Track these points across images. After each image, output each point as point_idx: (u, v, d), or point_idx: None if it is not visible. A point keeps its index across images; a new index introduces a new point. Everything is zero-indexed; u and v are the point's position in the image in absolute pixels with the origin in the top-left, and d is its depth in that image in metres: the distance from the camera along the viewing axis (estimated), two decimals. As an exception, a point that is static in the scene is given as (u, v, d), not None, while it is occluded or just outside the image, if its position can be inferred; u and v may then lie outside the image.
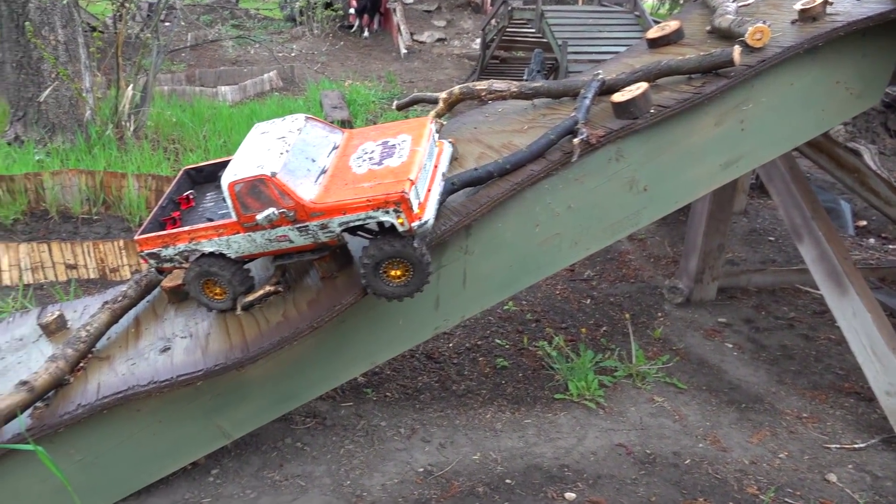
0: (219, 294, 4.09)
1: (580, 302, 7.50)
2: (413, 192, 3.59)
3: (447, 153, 4.29)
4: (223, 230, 3.84)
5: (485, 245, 4.30)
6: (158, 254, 4.01)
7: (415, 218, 3.60)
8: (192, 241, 3.91)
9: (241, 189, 3.68)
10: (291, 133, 3.98)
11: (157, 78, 14.58)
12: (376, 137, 4.14)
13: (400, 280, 3.79)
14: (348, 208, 3.61)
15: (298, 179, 3.72)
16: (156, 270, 4.17)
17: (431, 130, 4.15)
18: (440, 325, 4.41)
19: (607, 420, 5.43)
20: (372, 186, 3.65)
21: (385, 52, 20.00)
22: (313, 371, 4.22)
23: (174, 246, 3.95)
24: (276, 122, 4.17)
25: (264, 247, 3.87)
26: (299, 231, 3.74)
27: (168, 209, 4.32)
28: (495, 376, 6.01)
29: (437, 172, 4.05)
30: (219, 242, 3.88)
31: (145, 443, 4.05)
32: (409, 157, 3.82)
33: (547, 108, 5.08)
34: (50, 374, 3.88)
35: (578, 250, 4.58)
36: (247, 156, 3.86)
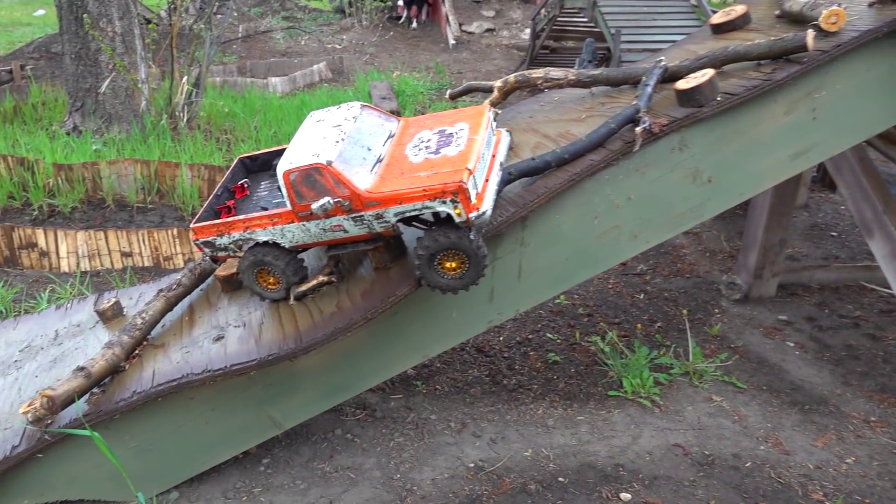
0: (272, 284, 4.06)
1: (633, 297, 7.32)
2: (471, 182, 3.49)
3: (505, 142, 4.18)
4: (278, 219, 3.80)
5: (541, 237, 4.18)
6: (213, 242, 3.98)
7: (472, 209, 3.50)
8: (247, 230, 3.88)
9: (296, 178, 3.62)
10: (347, 121, 3.91)
11: (210, 69, 14.78)
12: (433, 126, 4.04)
13: (455, 272, 3.70)
14: (404, 198, 3.53)
15: (354, 168, 3.65)
16: (210, 259, 4.15)
17: (490, 119, 4.04)
18: (494, 318, 4.31)
19: (663, 419, 5.27)
20: (429, 176, 3.56)
21: (433, 43, 19.91)
22: (365, 363, 4.16)
23: (229, 235, 3.92)
24: (332, 110, 4.11)
25: (318, 236, 3.82)
26: (354, 221, 3.68)
27: (223, 198, 4.30)
28: (547, 371, 5.89)
29: (494, 162, 3.93)
30: (273, 232, 3.84)
31: (198, 431, 4.05)
32: (467, 146, 3.71)
33: (606, 97, 4.92)
34: (106, 360, 3.91)
35: (638, 243, 4.42)
36: (302, 144, 3.81)
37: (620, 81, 4.88)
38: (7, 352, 4.77)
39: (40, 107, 11.26)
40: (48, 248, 6.89)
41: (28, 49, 16.94)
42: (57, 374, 4.27)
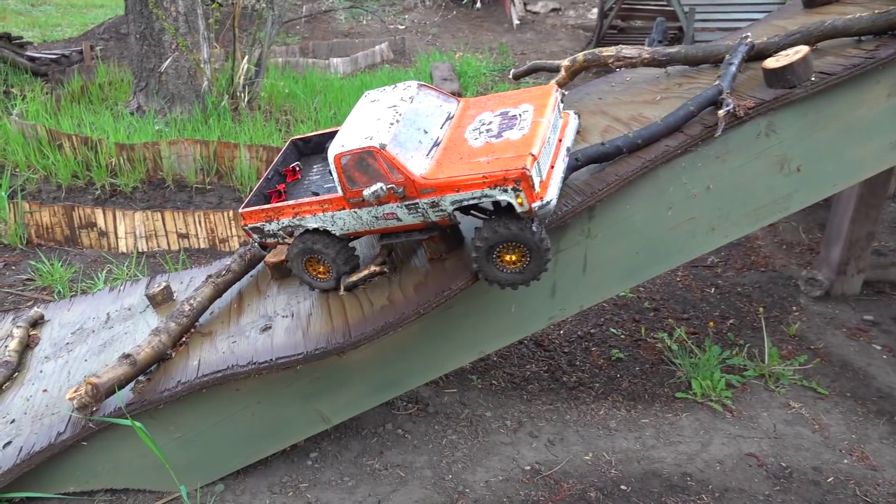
0: (322, 273, 3.87)
1: (703, 291, 6.90)
2: (535, 169, 3.18)
3: (573, 126, 3.84)
4: (328, 205, 3.59)
5: (609, 228, 3.86)
6: (262, 228, 3.82)
7: (536, 198, 3.20)
8: (297, 217, 3.69)
9: (347, 162, 3.40)
10: (403, 102, 3.64)
11: (272, 50, 14.78)
12: (495, 107, 3.74)
13: (515, 266, 3.42)
14: (462, 185, 3.25)
15: (409, 152, 3.39)
16: (259, 245, 3.98)
17: (557, 100, 3.71)
18: (556, 314, 4.03)
19: (735, 425, 4.90)
20: (489, 161, 3.27)
21: (497, 24, 19.49)
22: (417, 358, 3.94)
23: (278, 220, 3.75)
24: (387, 90, 3.85)
25: (370, 224, 3.60)
26: (408, 209, 3.43)
27: (274, 181, 4.13)
28: (610, 369, 5.57)
29: (561, 147, 3.61)
30: (323, 218, 3.64)
31: (244, 423, 3.91)
32: (532, 130, 3.40)
33: (683, 77, 4.54)
34: (152, 348, 3.79)
35: (715, 237, 4.06)
36: (355, 126, 3.57)
37: (700, 60, 4.49)
38: (60, 333, 4.74)
39: (107, 87, 11.40)
40: (107, 228, 6.90)
41: (99, 30, 17.29)
42: (106, 359, 4.20)
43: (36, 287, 6.23)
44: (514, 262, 3.41)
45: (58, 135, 8.27)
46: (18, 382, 4.32)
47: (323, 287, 3.94)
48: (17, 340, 4.61)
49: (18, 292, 6.03)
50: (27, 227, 6.90)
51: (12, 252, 6.79)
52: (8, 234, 6.83)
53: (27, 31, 19.03)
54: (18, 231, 6.85)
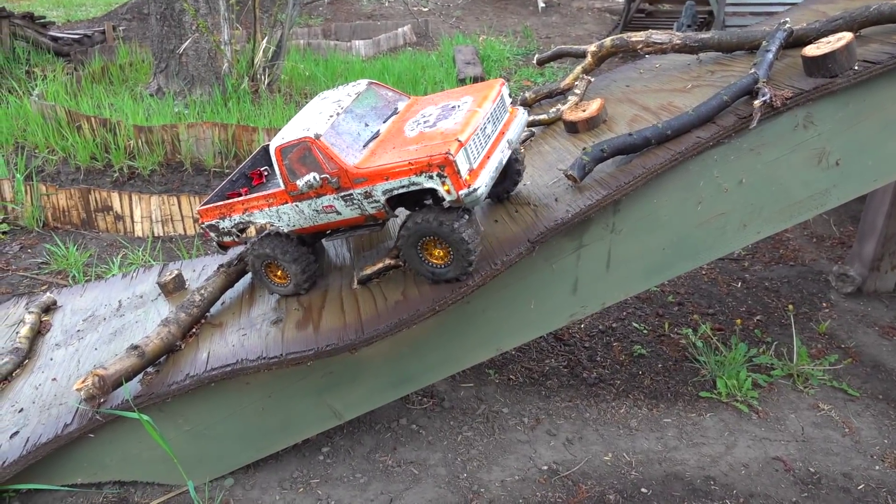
0: (280, 278, 3.93)
1: (730, 285, 6.69)
2: (461, 155, 3.13)
3: (520, 120, 3.76)
4: (273, 200, 3.61)
5: (635, 223, 3.69)
6: (217, 226, 3.86)
7: (463, 185, 3.14)
8: (246, 212, 3.73)
9: (286, 153, 3.41)
10: (348, 97, 3.68)
11: (294, 32, 14.65)
12: (439, 101, 3.73)
13: (440, 262, 3.44)
14: (390, 173, 3.22)
15: (345, 143, 3.40)
16: (218, 245, 4.04)
17: (500, 93, 3.65)
18: (577, 311, 3.87)
19: (762, 427, 4.72)
20: (417, 149, 3.24)
21: (522, 7, 19.19)
22: (432, 354, 3.81)
23: (230, 217, 3.80)
24: (339, 88, 3.91)
25: (313, 219, 3.60)
26: (344, 200, 3.42)
27: (238, 183, 4.15)
28: (631, 365, 5.41)
29: (502, 139, 3.54)
30: (270, 213, 3.66)
31: (254, 417, 3.82)
32: (465, 118, 3.36)
33: (716, 64, 4.34)
34: (161, 339, 3.70)
35: (747, 234, 3.87)
36: (299, 119, 3.61)
37: (734, 46, 4.28)
38: (72, 320, 4.68)
39: (127, 68, 11.36)
40: (123, 211, 6.84)
41: (122, 10, 17.29)
42: (116, 348, 4.12)
43: (51, 271, 6.19)
44: (440, 258, 3.42)
45: (77, 116, 8.23)
46: (28, 370, 4.26)
47: (282, 293, 3.97)
48: (28, 326, 4.55)
49: (34, 276, 5.99)
50: (44, 210, 6.87)
51: (29, 235, 6.76)
52: (24, 216, 6.80)
53: (52, 11, 19.09)
54: (35, 213, 6.82)
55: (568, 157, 4.00)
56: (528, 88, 12.00)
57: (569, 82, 4.77)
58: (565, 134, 4.32)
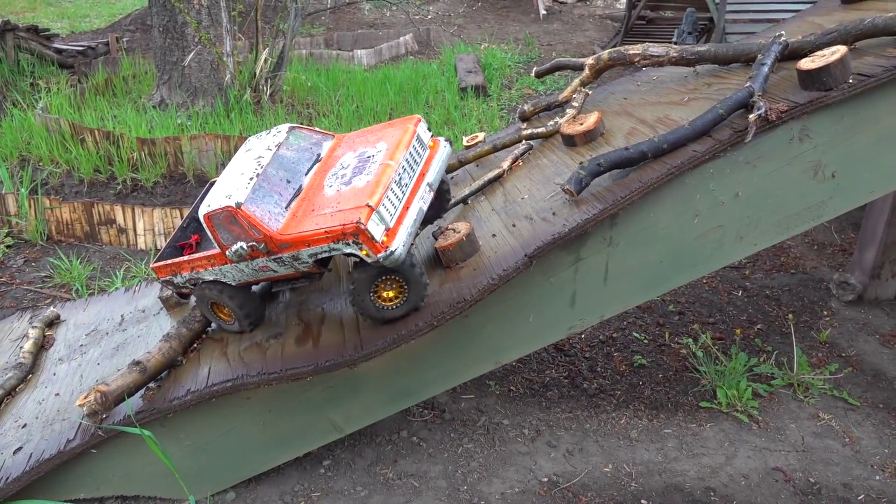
0: (226, 316, 3.93)
1: (730, 294, 6.70)
2: (374, 221, 3.17)
3: (442, 154, 3.76)
4: (214, 260, 3.64)
5: (632, 236, 3.72)
6: (172, 280, 3.88)
7: (380, 248, 3.19)
8: (194, 271, 3.75)
9: (215, 220, 3.43)
10: (269, 150, 3.65)
11: (297, 41, 14.71)
12: (358, 146, 3.74)
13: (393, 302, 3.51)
14: (311, 240, 3.27)
15: (268, 206, 3.41)
16: (177, 295, 4.10)
17: (415, 135, 3.64)
18: (575, 324, 3.90)
19: (762, 437, 4.74)
20: (332, 214, 3.28)
21: (523, 14, 19.21)
22: (432, 368, 3.84)
23: (181, 274, 3.81)
24: (262, 136, 3.88)
25: (255, 275, 3.63)
26: (276, 262, 3.46)
27: (189, 229, 4.16)
28: (632, 375, 5.43)
29: (421, 185, 3.55)
30: (214, 272, 3.69)
31: (255, 432, 3.85)
32: (377, 175, 3.36)
33: (712, 77, 4.36)
34: (163, 354, 3.74)
35: (743, 246, 3.89)
36: (223, 182, 3.60)
37: (730, 59, 4.30)
38: (75, 334, 4.72)
39: (131, 79, 11.42)
40: (126, 224, 6.89)
41: (126, 21, 17.36)
42: (118, 362, 4.16)
43: (55, 284, 6.24)
44: (391, 299, 3.47)
45: (81, 129, 8.28)
46: (32, 385, 4.30)
47: (232, 330, 3.99)
48: (31, 341, 4.59)
49: (38, 289, 6.04)
50: (47, 223, 6.92)
51: (33, 248, 6.81)
52: (28, 230, 6.85)
53: (56, 22, 19.20)
54: (39, 227, 6.87)
55: (565, 171, 4.03)
56: (528, 97, 12.03)
57: (567, 95, 4.80)
58: (563, 147, 4.36)
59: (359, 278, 3.38)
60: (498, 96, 12.07)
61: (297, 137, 3.78)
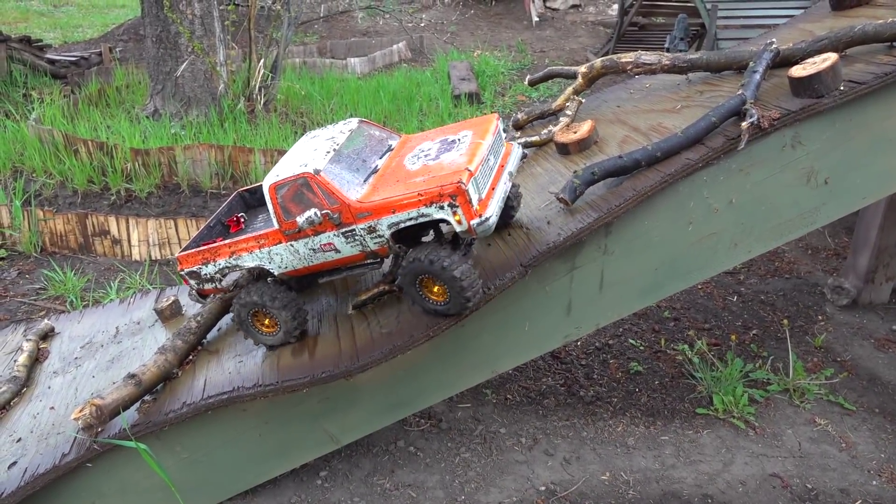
0: (268, 327, 3.77)
1: (725, 299, 6.72)
2: (472, 185, 3.12)
3: (516, 154, 3.77)
4: (264, 241, 3.52)
5: (627, 245, 3.73)
6: (199, 272, 3.74)
7: (474, 215, 3.13)
8: (233, 256, 3.61)
9: (282, 191, 3.35)
10: (342, 133, 3.64)
11: (290, 50, 14.73)
12: (435, 137, 3.73)
13: (439, 300, 3.41)
14: (397, 206, 3.19)
15: (345, 178, 3.36)
16: (197, 293, 3.90)
17: (498, 127, 3.66)
18: (571, 332, 3.90)
19: (758, 443, 4.74)
20: (425, 180, 3.22)
21: (516, 21, 19.29)
22: (428, 378, 3.84)
23: (214, 262, 3.68)
24: (328, 127, 3.86)
25: (308, 259, 3.51)
26: (345, 237, 3.36)
27: (215, 230, 4.07)
28: (628, 382, 5.43)
29: (503, 172, 3.54)
30: (260, 255, 3.56)
31: (252, 444, 3.83)
32: (469, 150, 3.36)
33: (704, 84, 4.38)
34: (158, 367, 3.72)
35: (738, 253, 3.90)
36: (291, 157, 3.55)
37: (723, 67, 4.33)
38: (70, 347, 4.69)
39: (124, 89, 11.42)
40: (120, 235, 6.87)
41: (118, 31, 17.37)
42: (113, 375, 4.13)
43: (49, 296, 6.22)
44: (438, 294, 3.39)
45: (74, 140, 8.26)
46: (26, 398, 4.27)
47: (270, 343, 3.80)
48: (26, 354, 4.57)
49: (31, 302, 6.02)
50: (41, 235, 6.90)
51: (27, 260, 6.78)
52: (22, 241, 6.82)
53: (49, 33, 19.18)
54: (33, 239, 6.84)
55: (560, 180, 4.04)
56: (522, 104, 12.05)
57: (560, 103, 4.82)
58: (557, 155, 4.37)
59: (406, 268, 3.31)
60: (491, 103, 12.10)
61: (366, 128, 3.79)
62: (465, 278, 3.24)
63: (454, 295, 3.30)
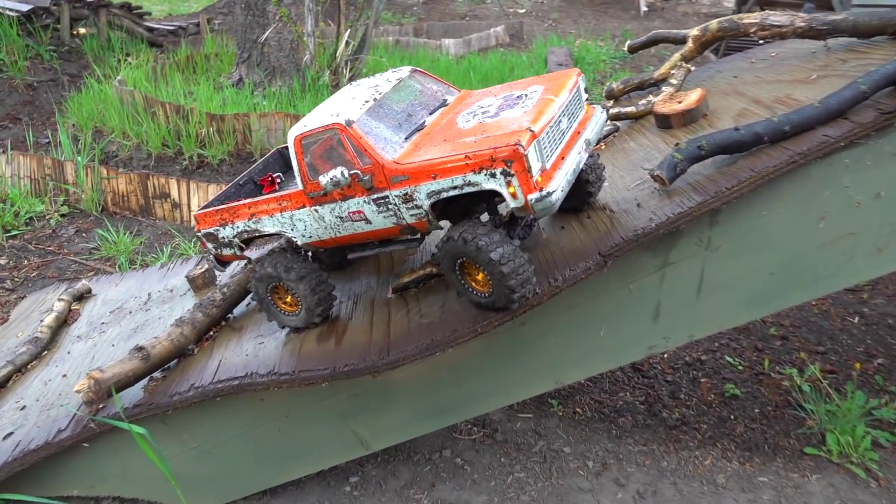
0: (289, 305, 3.25)
1: (845, 319, 5.75)
2: (533, 150, 2.48)
3: (598, 120, 3.09)
4: (287, 203, 2.99)
5: (737, 240, 2.98)
6: (216, 234, 3.25)
7: (533, 188, 2.48)
8: (253, 218, 3.10)
9: (309, 144, 2.80)
10: (388, 82, 3.06)
11: (385, 29, 14.38)
12: (500, 92, 3.07)
13: (483, 290, 2.79)
14: (439, 170, 2.57)
15: (383, 133, 2.78)
16: (215, 260, 3.40)
17: (577, 83, 3.02)
18: (657, 343, 3.18)
19: (882, 498, 3.87)
20: (476, 141, 2.58)
21: (623, 10, 18.33)
22: (478, 382, 3.21)
23: (232, 224, 3.18)
24: (378, 75, 3.27)
25: (336, 229, 2.94)
26: (377, 205, 2.77)
27: (245, 189, 3.53)
28: (722, 407, 4.62)
29: (578, 139, 2.87)
30: (282, 220, 3.04)
31: (269, 439, 3.32)
32: (537, 106, 2.70)
33: (848, 52, 3.56)
34: (171, 341, 3.27)
35: (882, 261, 3.07)
36: (326, 106, 2.99)
37: (874, 31, 3.49)
38: (101, 311, 4.36)
39: (213, 58, 11.32)
40: (180, 199, 6.58)
41: (220, 5, 17.53)
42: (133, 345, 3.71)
43: (100, 257, 5.96)
44: (482, 284, 2.77)
45: (153, 101, 8.11)
46: (45, 362, 3.95)
47: (293, 324, 3.28)
48: (53, 315, 4.27)
49: (83, 261, 5.77)
50: (104, 194, 6.68)
51: (86, 218, 6.59)
52: (84, 200, 6.62)
53: (157, 6, 19.63)
54: (94, 197, 6.63)
55: (656, 156, 3.33)
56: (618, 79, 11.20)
57: (664, 71, 4.08)
58: (656, 129, 3.65)
59: (442, 248, 2.76)
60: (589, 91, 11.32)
61: (420, 79, 3.23)
62: (507, 262, 2.61)
63: (495, 283, 2.68)
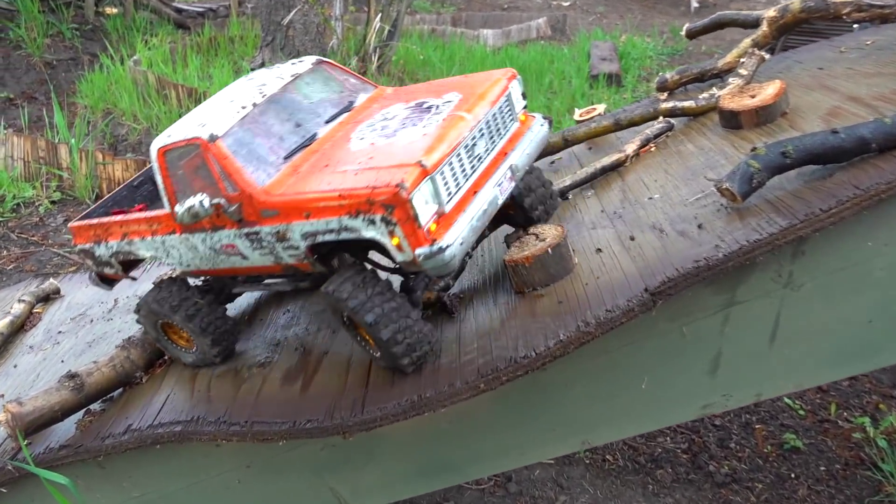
0: (184, 341, 2.72)
1: (923, 358, 4.97)
2: (423, 191, 1.92)
3: (535, 136, 2.48)
4: (157, 226, 2.46)
5: (827, 276, 2.28)
6: (93, 252, 2.72)
7: (423, 240, 1.94)
8: (125, 238, 2.57)
9: (174, 160, 2.27)
10: (280, 80, 2.50)
11: (422, 17, 13.78)
12: (414, 97, 2.48)
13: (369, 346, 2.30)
14: (312, 208, 2.03)
15: (257, 151, 2.23)
16: (97, 277, 2.85)
17: (506, 90, 2.40)
18: (715, 402, 2.50)
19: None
20: (357, 172, 2.03)
21: (672, 6, 17.48)
22: (485, 438, 2.57)
23: (105, 242, 2.65)
24: (277, 66, 2.73)
25: (212, 260, 2.40)
26: (250, 241, 2.23)
27: (139, 192, 2.97)
28: (780, 462, 3.92)
29: (501, 164, 2.29)
30: (154, 244, 2.50)
31: (228, 492, 2.73)
32: (441, 128, 2.12)
33: (973, 39, 2.81)
34: (113, 367, 2.71)
35: None
36: (202, 109, 2.48)
37: None
38: (62, 316, 3.84)
39: (238, 40, 10.83)
40: (180, 190, 6.04)
41: (256, -11, 17.09)
42: (86, 361, 3.15)
43: (86, 250, 5.45)
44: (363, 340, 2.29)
45: (165, 83, 7.62)
46: (-13, 376, 3.39)
47: (192, 363, 2.75)
48: (7, 320, 3.73)
49: (65, 254, 5.26)
50: (98, 181, 6.17)
51: (78, 206, 6.09)
52: (77, 186, 6.12)
53: (193, -11, 19.27)
54: (88, 184, 6.12)
55: (722, 162, 2.64)
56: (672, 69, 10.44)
57: (731, 60, 3.38)
58: (721, 129, 2.95)
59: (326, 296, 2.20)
60: (633, 88, 10.58)
61: (324, 75, 2.64)
62: (386, 326, 2.11)
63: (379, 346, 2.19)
